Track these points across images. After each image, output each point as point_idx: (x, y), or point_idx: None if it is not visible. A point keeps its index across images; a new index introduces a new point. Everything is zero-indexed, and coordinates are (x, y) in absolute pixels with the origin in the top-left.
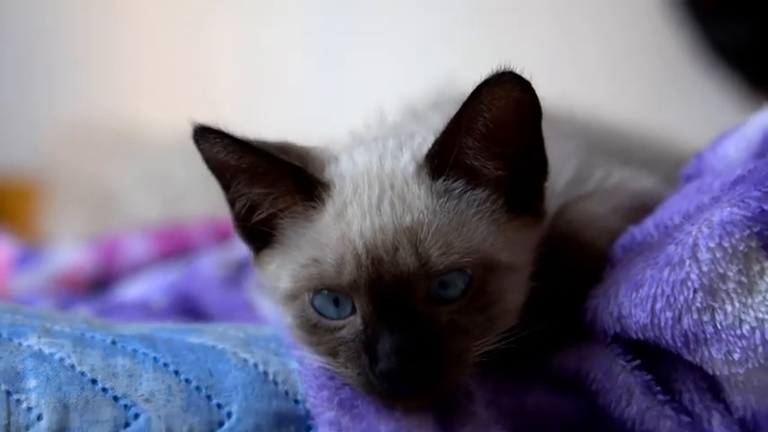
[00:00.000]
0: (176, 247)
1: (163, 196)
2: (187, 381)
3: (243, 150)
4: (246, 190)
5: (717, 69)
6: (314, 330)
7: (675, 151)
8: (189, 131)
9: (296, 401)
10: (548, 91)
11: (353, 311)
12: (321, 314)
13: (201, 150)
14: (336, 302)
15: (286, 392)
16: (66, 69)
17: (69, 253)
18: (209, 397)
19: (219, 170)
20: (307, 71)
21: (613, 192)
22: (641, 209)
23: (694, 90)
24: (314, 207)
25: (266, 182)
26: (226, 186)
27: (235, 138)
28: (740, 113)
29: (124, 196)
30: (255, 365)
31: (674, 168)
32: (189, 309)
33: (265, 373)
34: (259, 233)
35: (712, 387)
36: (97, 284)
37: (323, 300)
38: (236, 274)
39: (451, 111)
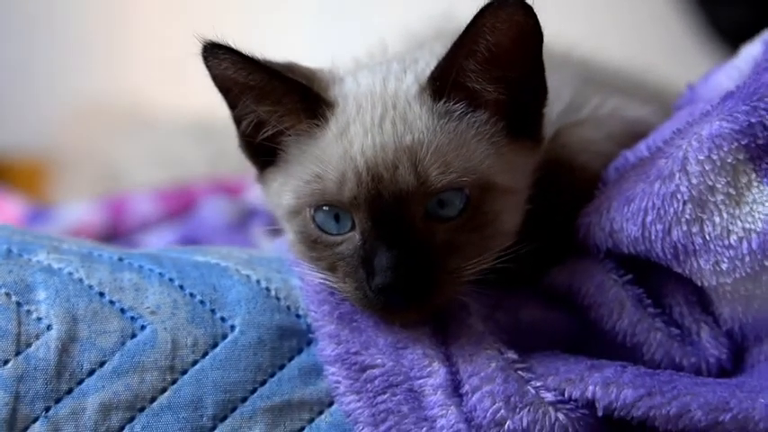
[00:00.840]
0: (183, 204)
1: (171, 175)
2: (191, 295)
3: (251, 67)
4: (253, 107)
5: (720, 48)
6: (314, 246)
7: (671, 92)
8: (201, 50)
9: (297, 316)
10: (547, 26)
11: (353, 228)
12: (322, 229)
13: (210, 67)
14: (337, 218)
15: (288, 307)
16: (77, 48)
17: (78, 211)
18: (213, 311)
19: (227, 87)
20: (310, 25)
21: (608, 119)
22: (635, 136)
23: (694, 48)
24: (318, 125)
25: (273, 99)
26: (232, 104)
27: (244, 54)
28: None
29: (132, 175)
30: (258, 282)
31: (669, 106)
32: None
33: (267, 289)
34: (264, 150)
35: (701, 300)
36: (107, 240)
37: (324, 215)
38: (241, 220)
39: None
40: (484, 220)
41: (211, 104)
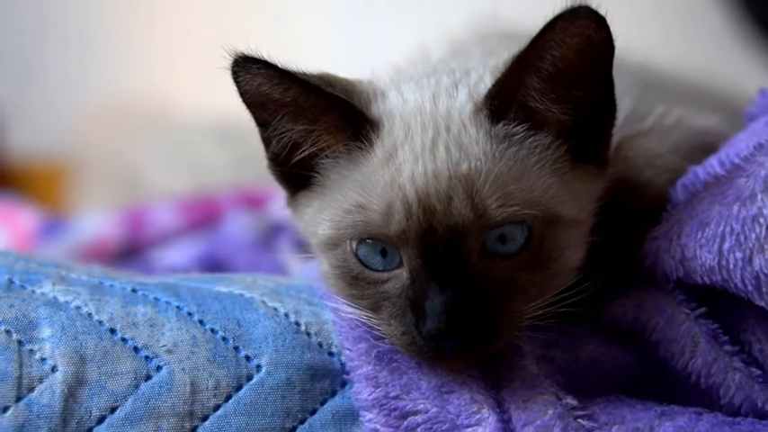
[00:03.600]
0: (205, 216)
1: (193, 180)
2: (213, 331)
3: (288, 82)
4: (288, 126)
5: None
6: (355, 282)
7: (734, 98)
8: (230, 63)
9: (330, 354)
10: None
11: (401, 264)
12: (365, 265)
13: (240, 83)
14: (383, 253)
15: (320, 344)
16: (96, 49)
17: (96, 223)
18: (236, 348)
19: (259, 105)
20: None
21: (673, 129)
22: (703, 148)
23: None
24: (360, 147)
25: (310, 117)
26: (263, 123)
27: (280, 68)
28: None
29: (153, 180)
30: (286, 315)
31: (734, 114)
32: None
33: (297, 324)
34: (297, 174)
35: None
36: (126, 254)
37: (368, 249)
38: (267, 238)
39: (498, 47)
40: (547, 257)
41: (235, 107)
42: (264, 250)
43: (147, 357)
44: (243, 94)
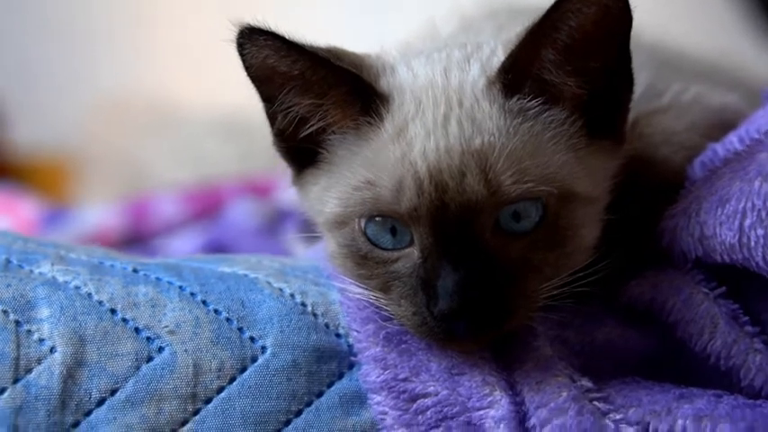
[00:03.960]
0: (209, 205)
1: (197, 173)
2: (216, 311)
3: (296, 54)
4: (295, 101)
5: None
6: (364, 262)
7: (748, 79)
8: (235, 36)
9: (337, 335)
10: None
11: (411, 242)
12: (374, 244)
13: (246, 56)
14: (393, 231)
15: (326, 325)
16: (101, 43)
17: (98, 213)
18: (240, 329)
19: (265, 78)
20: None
21: (690, 106)
22: (721, 126)
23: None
24: (369, 123)
25: (318, 91)
26: (269, 98)
27: (288, 40)
28: None
29: (157, 173)
30: (292, 296)
31: (750, 94)
32: None
33: (303, 305)
34: (303, 150)
35: None
36: (128, 244)
37: (377, 227)
38: (272, 224)
39: (509, 22)
40: (563, 235)
41: (240, 100)
42: (269, 236)
43: (148, 338)
44: (248, 68)
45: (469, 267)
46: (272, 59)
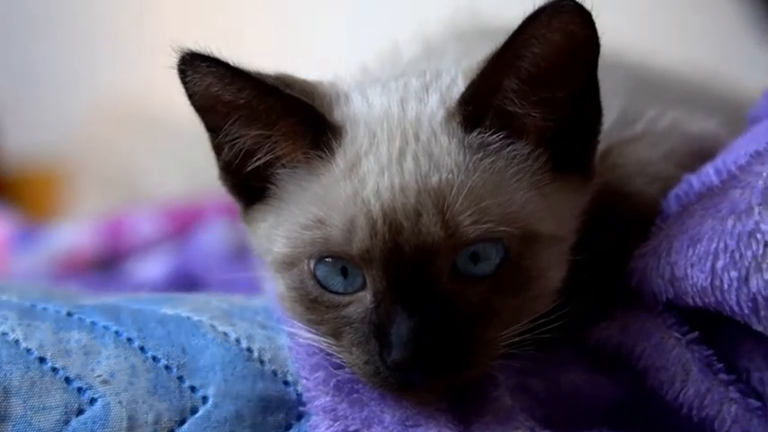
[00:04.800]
0: (185, 225)
1: (191, 179)
2: (155, 359)
3: (242, 82)
4: (242, 131)
5: None
6: (313, 306)
7: (741, 96)
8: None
9: (285, 383)
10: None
11: (364, 286)
12: (324, 287)
13: (188, 84)
14: (344, 273)
15: (274, 372)
16: (95, 48)
17: (71, 233)
18: (180, 378)
19: (210, 107)
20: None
21: (666, 134)
22: (699, 154)
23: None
24: (320, 156)
25: (265, 122)
26: (214, 128)
27: (233, 66)
28: None
29: (152, 183)
30: (238, 341)
31: (740, 114)
32: (187, 287)
33: (249, 350)
34: (251, 184)
35: None
36: (103, 265)
37: (327, 269)
38: (244, 250)
39: (475, 45)
40: (526, 278)
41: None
42: (240, 264)
43: (79, 389)
44: (191, 96)
45: (425, 313)
46: (215, 87)
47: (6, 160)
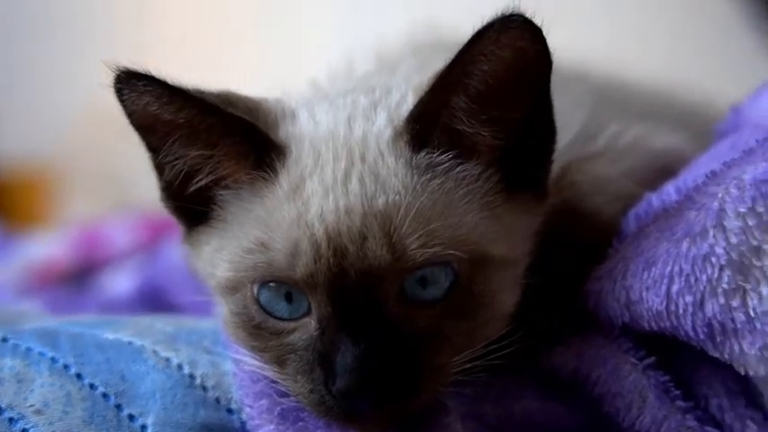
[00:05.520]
0: (160, 235)
1: None
2: (92, 386)
3: (181, 101)
4: (182, 152)
5: None
6: (257, 332)
7: (713, 110)
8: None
9: (229, 411)
10: (559, 40)
11: (309, 312)
12: (268, 312)
13: (126, 103)
14: (289, 298)
15: (217, 400)
16: (85, 50)
17: (47, 244)
18: (118, 406)
19: (149, 127)
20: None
21: (628, 150)
22: (662, 171)
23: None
24: (264, 177)
25: (207, 141)
26: (154, 148)
27: (171, 86)
28: None
29: (141, 185)
30: (180, 366)
31: (710, 128)
32: (155, 303)
33: (191, 376)
34: (194, 206)
35: (747, 390)
36: (79, 277)
37: (271, 294)
38: None
39: (432, 59)
40: (476, 303)
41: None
42: None
43: (11, 419)
44: (130, 115)
45: (371, 340)
46: (153, 107)
47: None
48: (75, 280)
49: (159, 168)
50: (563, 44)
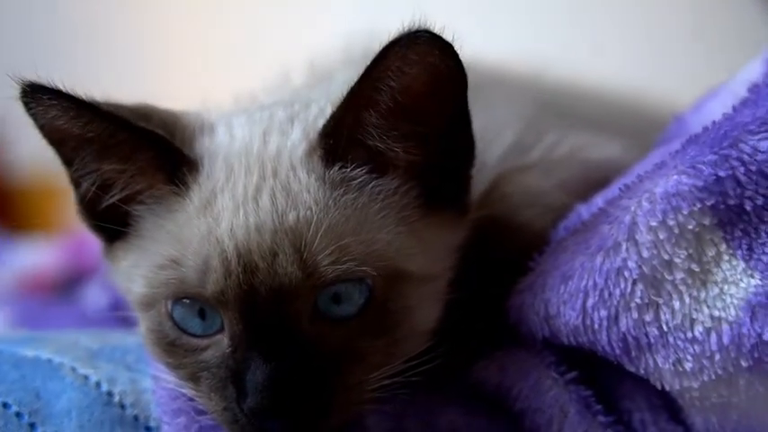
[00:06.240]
0: None
1: None
2: (5, 405)
3: (89, 115)
4: (94, 166)
5: None
6: (171, 349)
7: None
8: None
9: (147, 429)
10: (514, 46)
11: (222, 329)
12: (181, 329)
13: (34, 116)
14: (202, 315)
15: (135, 417)
16: (109, 59)
17: (34, 253)
18: (32, 425)
19: (59, 140)
20: None
21: (564, 161)
22: (597, 182)
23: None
24: (176, 193)
25: (120, 156)
26: (67, 161)
27: (77, 99)
28: None
29: None
30: (98, 384)
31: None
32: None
33: (109, 394)
34: (111, 220)
35: (668, 404)
36: (67, 286)
37: (184, 310)
38: None
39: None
40: (393, 320)
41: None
42: None
43: None
44: (41, 129)
45: (283, 358)
46: (61, 121)
47: (11, 172)
48: (65, 289)
49: (75, 182)
50: (511, 51)
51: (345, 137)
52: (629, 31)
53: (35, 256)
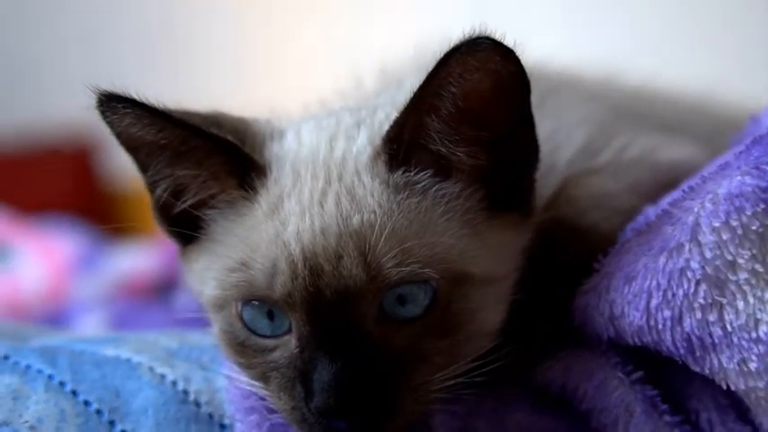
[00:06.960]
0: None
1: None
2: (86, 403)
3: (161, 123)
4: (168, 171)
5: None
6: (242, 350)
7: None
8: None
9: (222, 426)
10: (588, 49)
11: (290, 330)
12: (251, 330)
13: (111, 124)
14: (271, 316)
15: (210, 415)
16: (137, 51)
17: (133, 257)
18: (111, 422)
19: (135, 147)
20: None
21: (634, 164)
22: (669, 185)
23: None
24: (246, 197)
25: (192, 161)
26: (143, 167)
27: (150, 107)
28: None
29: None
30: (174, 383)
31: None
32: None
33: (185, 392)
34: (186, 223)
35: (736, 404)
36: (163, 289)
37: (254, 312)
38: None
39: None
40: (456, 321)
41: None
42: None
43: None
44: (117, 136)
45: (349, 359)
46: (135, 128)
47: (112, 178)
48: (161, 293)
49: (151, 187)
50: (586, 58)
51: (408, 142)
52: (704, 32)
53: (133, 260)
